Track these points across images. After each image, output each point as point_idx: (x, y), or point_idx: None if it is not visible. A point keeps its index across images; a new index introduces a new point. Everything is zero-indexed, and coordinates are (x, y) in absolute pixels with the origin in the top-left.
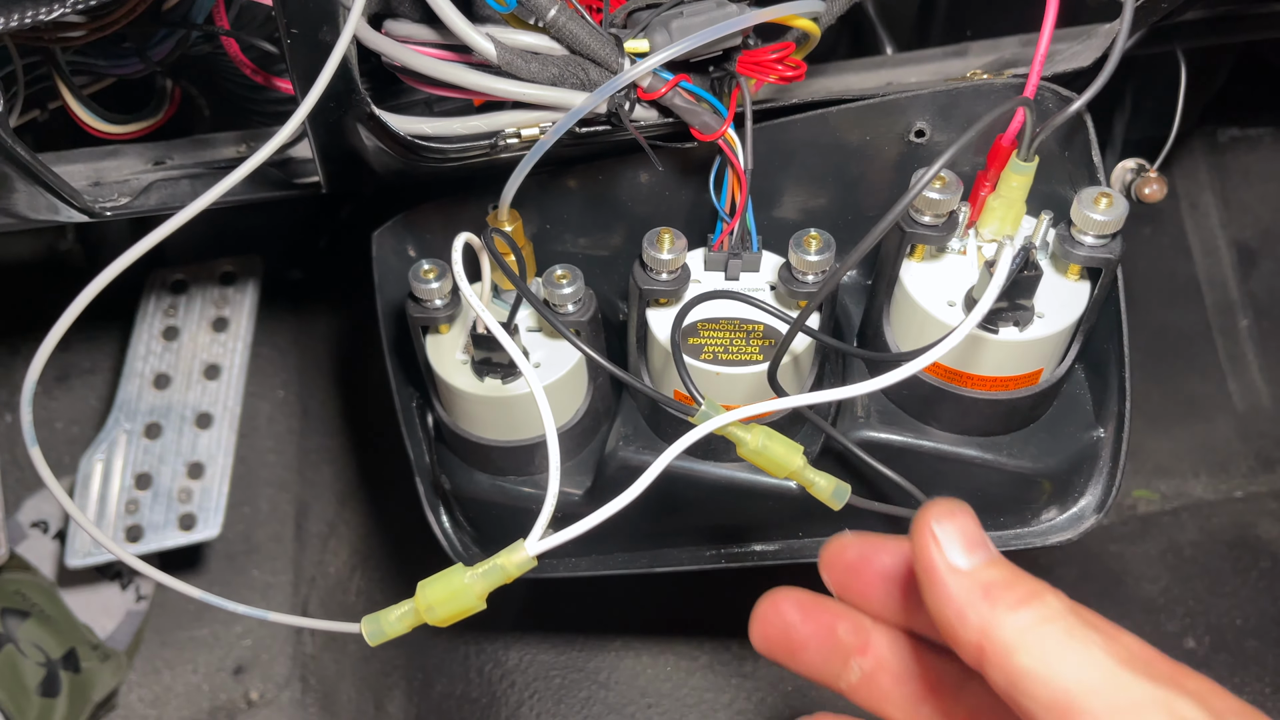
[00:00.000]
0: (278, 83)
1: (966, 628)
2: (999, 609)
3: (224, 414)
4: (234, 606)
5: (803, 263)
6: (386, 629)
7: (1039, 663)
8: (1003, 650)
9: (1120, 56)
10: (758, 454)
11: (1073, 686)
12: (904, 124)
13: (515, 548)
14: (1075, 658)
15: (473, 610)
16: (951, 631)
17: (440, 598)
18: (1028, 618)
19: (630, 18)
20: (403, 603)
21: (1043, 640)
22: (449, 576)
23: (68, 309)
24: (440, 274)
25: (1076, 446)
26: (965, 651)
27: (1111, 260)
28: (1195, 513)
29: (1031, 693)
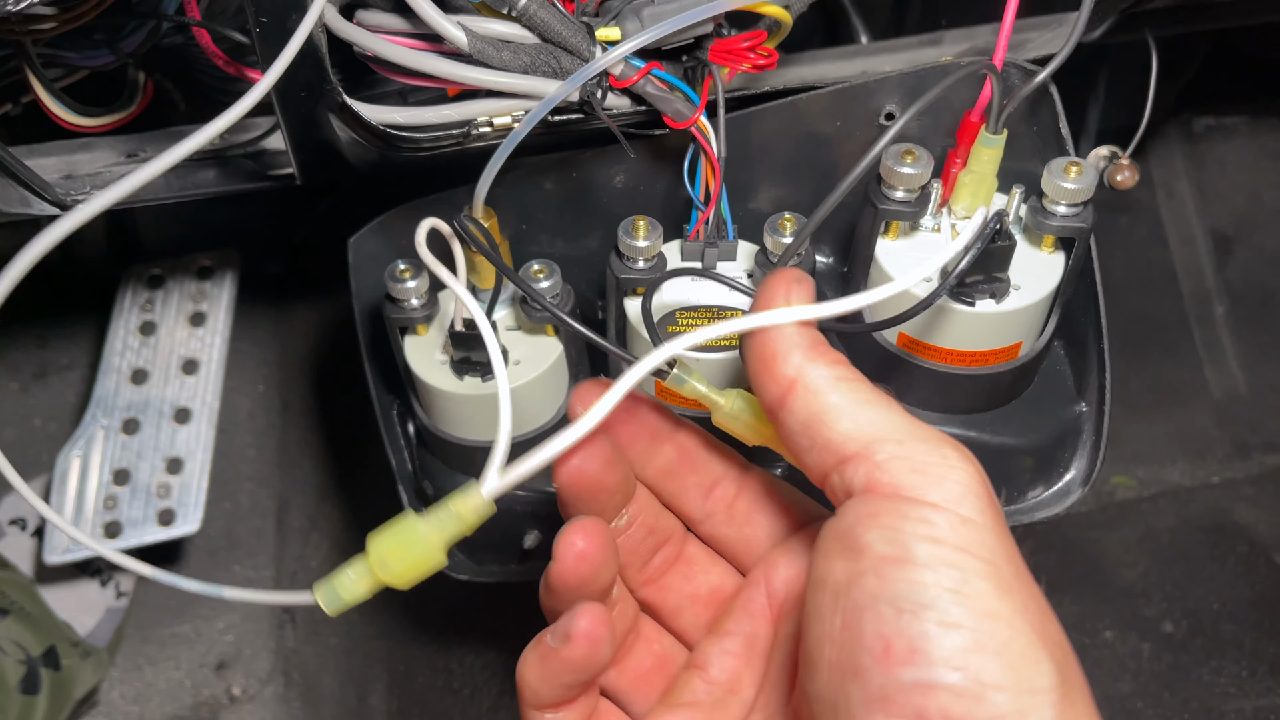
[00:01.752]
0: (250, 73)
1: (787, 363)
2: (817, 357)
3: (202, 409)
4: (184, 583)
5: (778, 245)
6: (344, 594)
7: (845, 402)
8: (814, 388)
9: (1084, 26)
10: (733, 419)
11: (877, 421)
12: (874, 107)
13: (467, 489)
14: (877, 407)
15: (434, 565)
16: (770, 364)
17: (392, 549)
18: (840, 371)
19: (602, 6)
20: (354, 560)
21: (851, 390)
22: (399, 523)
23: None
24: (416, 273)
25: (1059, 421)
26: (775, 383)
27: (1084, 229)
28: (1173, 499)
29: (835, 425)
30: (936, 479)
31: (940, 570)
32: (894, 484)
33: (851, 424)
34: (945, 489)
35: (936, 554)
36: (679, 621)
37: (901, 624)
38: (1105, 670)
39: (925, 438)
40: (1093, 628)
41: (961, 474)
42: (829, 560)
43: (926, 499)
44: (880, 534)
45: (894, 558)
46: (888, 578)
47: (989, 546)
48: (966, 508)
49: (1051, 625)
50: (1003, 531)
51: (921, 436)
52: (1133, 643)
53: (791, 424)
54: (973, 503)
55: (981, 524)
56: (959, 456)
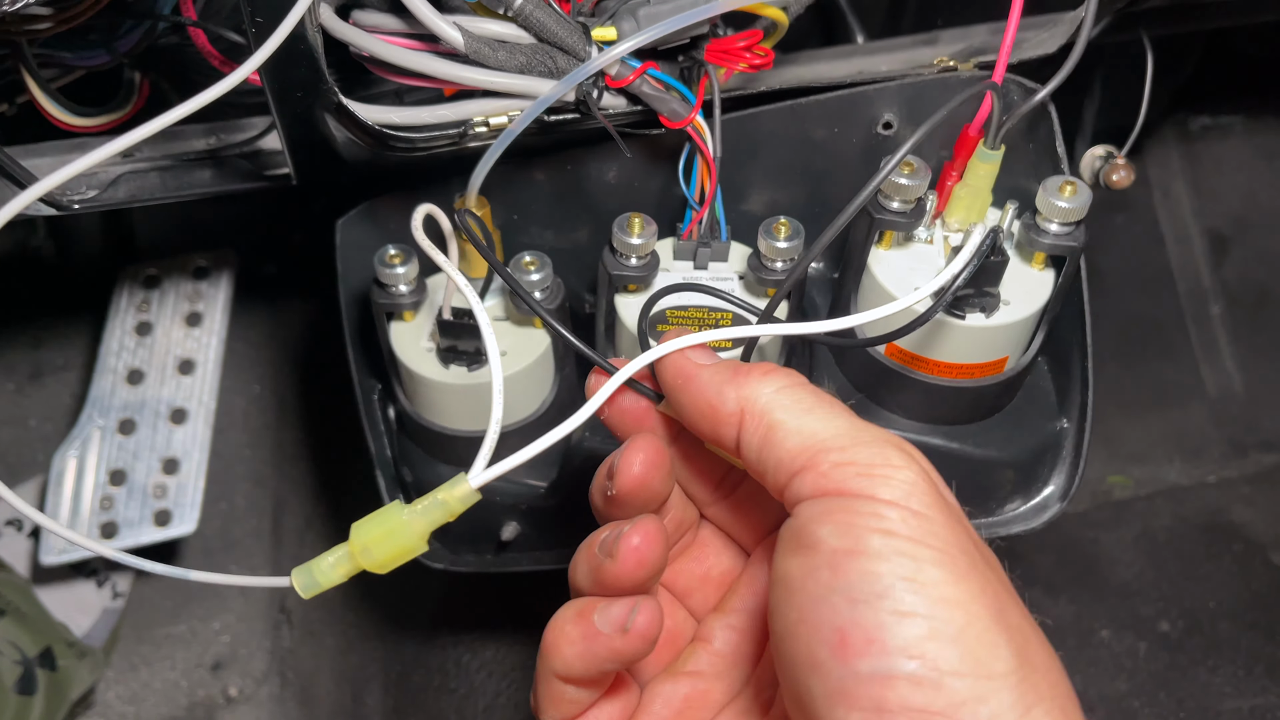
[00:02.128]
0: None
1: (725, 402)
2: (750, 381)
3: (199, 409)
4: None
5: (772, 250)
6: (320, 578)
7: (790, 416)
8: (759, 410)
9: (1085, 44)
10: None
11: (820, 431)
12: (871, 116)
13: (456, 480)
14: (819, 415)
15: (413, 551)
16: (713, 412)
17: (375, 537)
18: (776, 382)
19: (598, 6)
20: (335, 548)
21: (792, 400)
22: (385, 514)
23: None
24: (406, 259)
25: (1040, 436)
26: (726, 424)
27: (1075, 248)
28: (1169, 498)
29: (782, 443)
30: (883, 479)
31: (894, 560)
32: (840, 488)
33: (796, 438)
34: (892, 487)
35: (889, 545)
36: (690, 601)
37: (856, 614)
38: (1101, 669)
39: (869, 441)
40: (1089, 627)
41: (907, 473)
42: (784, 558)
43: (876, 496)
44: (833, 529)
45: (847, 550)
46: (841, 569)
47: (941, 537)
48: (915, 502)
49: (1011, 609)
50: (954, 523)
51: (865, 440)
52: (1129, 642)
53: (749, 455)
54: (920, 498)
55: (932, 516)
56: (902, 456)
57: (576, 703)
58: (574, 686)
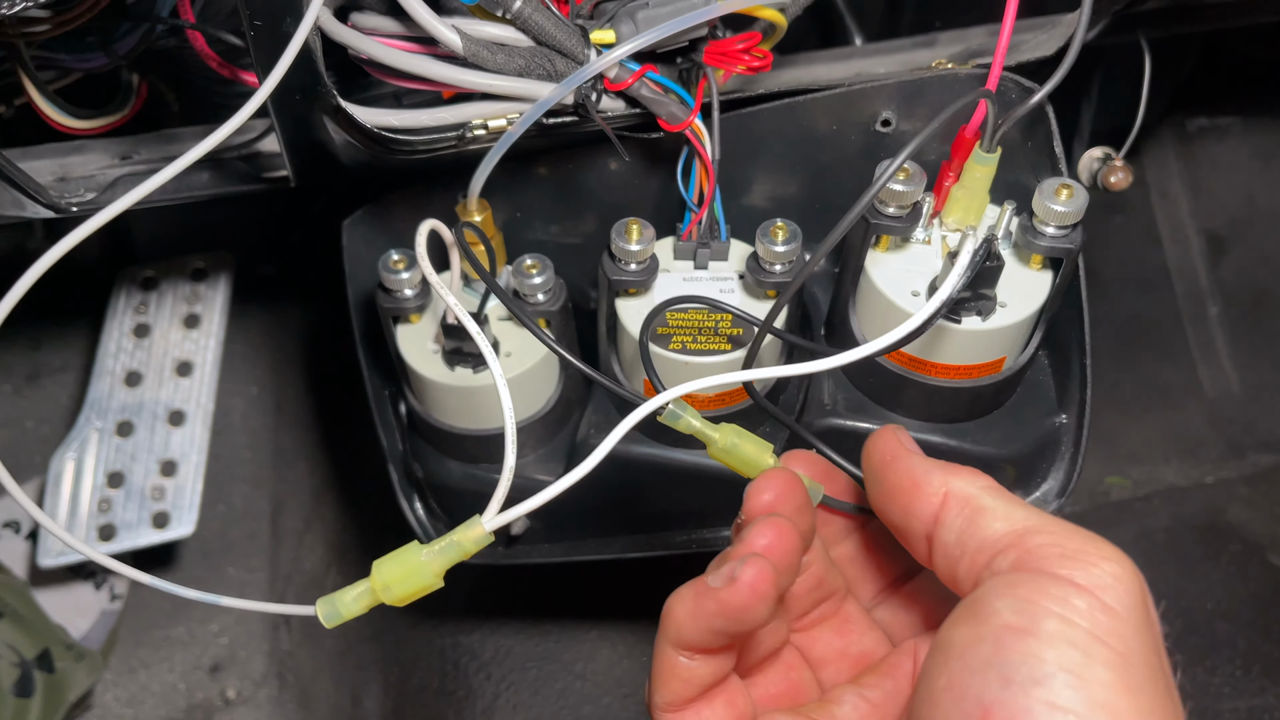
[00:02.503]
0: (244, 76)
1: (930, 483)
2: (960, 472)
3: (197, 411)
4: (189, 593)
5: (770, 253)
6: (343, 610)
7: (998, 505)
8: (967, 496)
9: (1081, 46)
10: (727, 453)
11: (1030, 519)
12: (870, 113)
13: (471, 523)
14: (1030, 509)
15: (430, 589)
16: (915, 489)
17: (396, 576)
18: (982, 480)
19: (596, 9)
20: (359, 582)
21: (997, 494)
22: (405, 554)
23: (9, 293)
24: (409, 264)
25: (1039, 432)
26: (926, 503)
27: (1072, 250)
28: (1167, 498)
29: (991, 525)
30: (1086, 564)
31: (1063, 648)
32: (1040, 564)
33: (1005, 523)
34: (1093, 574)
35: (1064, 632)
36: (822, 673)
37: (1006, 695)
38: None
39: (1081, 531)
40: None
41: (1115, 565)
42: (953, 625)
43: (1071, 579)
44: (1011, 603)
45: (1018, 627)
46: (1006, 646)
47: (1126, 640)
48: (1111, 597)
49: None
50: (1148, 633)
51: (1076, 530)
52: None
53: (946, 537)
54: (1120, 595)
55: (1125, 617)
56: (1115, 551)
57: (690, 681)
58: (687, 657)
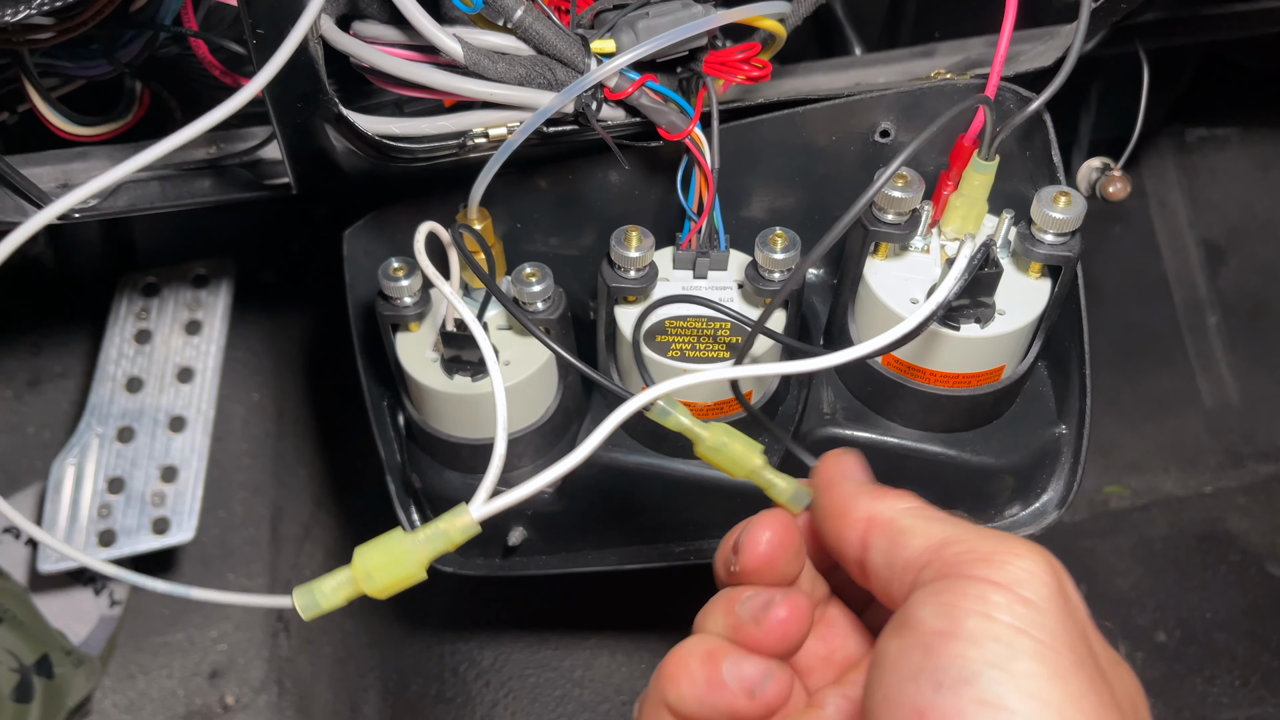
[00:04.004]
0: (246, 83)
1: (856, 511)
2: (881, 498)
3: (197, 417)
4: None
5: (769, 261)
6: (321, 600)
7: (918, 523)
8: (885, 520)
9: (1078, 56)
10: (716, 452)
11: (948, 531)
12: (869, 124)
13: (458, 511)
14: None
15: (413, 580)
16: (843, 515)
17: (379, 563)
18: (905, 503)
19: (597, 18)
20: (338, 570)
21: (916, 514)
22: (388, 541)
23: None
24: (410, 272)
25: (1039, 442)
26: (851, 529)
27: (1071, 258)
28: (1165, 508)
29: (911, 544)
30: (1000, 563)
31: (987, 646)
32: (958, 569)
33: (923, 539)
34: (1008, 571)
35: (986, 629)
36: (809, 680)
37: (939, 699)
38: None
39: (994, 534)
40: None
41: (1027, 560)
42: (886, 639)
43: (987, 577)
44: (934, 609)
45: (943, 631)
46: (934, 651)
47: (1048, 629)
48: (1028, 589)
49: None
50: (1069, 619)
51: (990, 533)
52: (1125, 651)
53: (875, 560)
54: (1035, 586)
55: (1044, 607)
56: (1027, 546)
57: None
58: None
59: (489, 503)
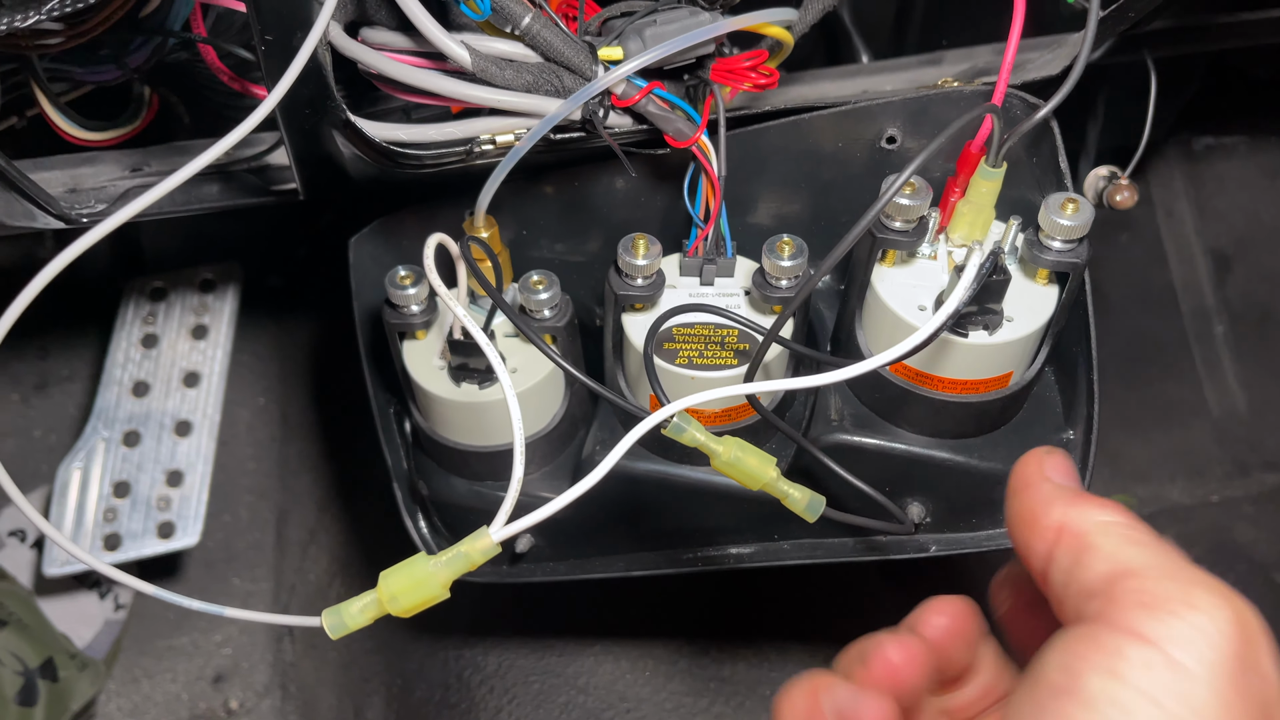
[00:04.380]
0: (254, 89)
1: (1049, 516)
2: (1078, 505)
3: (203, 421)
4: (193, 604)
5: (776, 268)
6: (348, 620)
7: (1109, 542)
8: (1077, 532)
9: (1085, 64)
10: (730, 466)
11: (1136, 559)
12: (875, 130)
13: (479, 534)
14: (1144, 546)
15: (436, 600)
16: (1032, 520)
17: (403, 587)
18: (1104, 515)
19: (604, 25)
20: (365, 594)
21: (1112, 532)
22: (412, 565)
23: (15, 301)
24: (416, 280)
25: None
26: (1040, 538)
27: (1078, 265)
28: (1172, 517)
29: (1094, 567)
30: (1165, 613)
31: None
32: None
33: (1107, 563)
34: (1169, 625)
35: (1108, 691)
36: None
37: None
38: None
39: (1184, 575)
40: None
41: (1204, 616)
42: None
43: (1135, 629)
44: (1061, 659)
45: (1060, 687)
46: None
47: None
48: (1187, 651)
49: None
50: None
51: (1180, 573)
52: None
53: (1056, 576)
54: (1202, 649)
55: (1200, 675)
56: (1217, 598)
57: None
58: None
59: (509, 525)
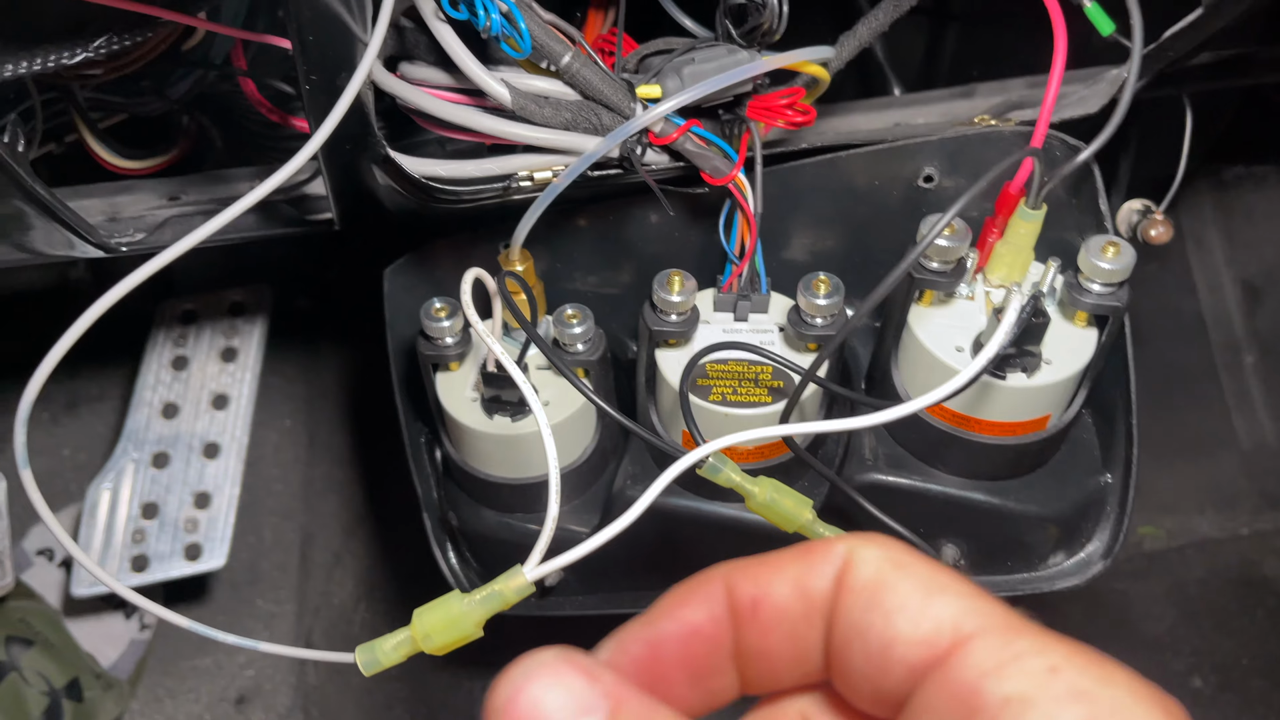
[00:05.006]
0: (294, 121)
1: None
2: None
3: (231, 444)
4: (224, 637)
5: (811, 306)
6: (382, 658)
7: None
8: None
9: (1129, 105)
10: (766, 508)
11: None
12: (913, 169)
13: (513, 573)
14: (953, 594)
15: (470, 638)
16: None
17: (437, 625)
18: (895, 554)
19: (642, 63)
20: (398, 631)
21: (917, 572)
22: (446, 603)
23: (66, 333)
24: (451, 312)
25: (1083, 491)
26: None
27: (1119, 308)
28: (1201, 550)
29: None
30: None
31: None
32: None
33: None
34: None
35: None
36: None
37: None
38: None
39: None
40: None
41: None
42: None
43: None
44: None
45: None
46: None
47: None
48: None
49: None
50: None
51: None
52: None
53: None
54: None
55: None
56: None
57: None
58: None
59: (543, 564)
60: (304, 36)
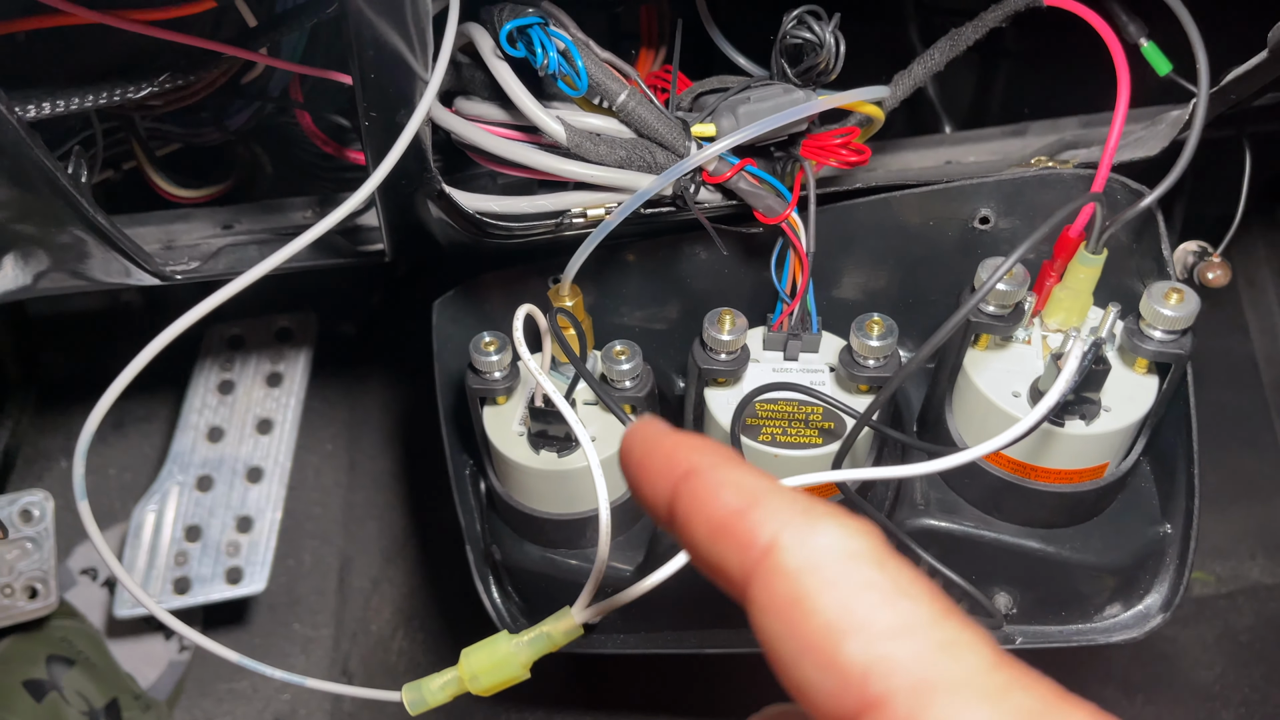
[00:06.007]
0: (349, 153)
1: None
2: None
3: (274, 468)
4: (270, 671)
5: (864, 348)
6: (429, 698)
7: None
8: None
9: (1194, 150)
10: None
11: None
12: (969, 210)
13: (562, 615)
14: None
15: (516, 680)
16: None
17: (484, 666)
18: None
19: (697, 101)
20: (445, 671)
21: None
22: (494, 645)
23: (124, 370)
24: (500, 347)
25: (1141, 542)
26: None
27: (1182, 356)
28: (1252, 597)
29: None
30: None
31: None
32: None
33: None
34: None
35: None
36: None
37: None
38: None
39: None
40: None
41: None
42: None
43: None
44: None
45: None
46: None
47: None
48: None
49: None
50: None
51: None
52: None
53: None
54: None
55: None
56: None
57: None
58: None
59: (591, 606)
60: (366, 74)
